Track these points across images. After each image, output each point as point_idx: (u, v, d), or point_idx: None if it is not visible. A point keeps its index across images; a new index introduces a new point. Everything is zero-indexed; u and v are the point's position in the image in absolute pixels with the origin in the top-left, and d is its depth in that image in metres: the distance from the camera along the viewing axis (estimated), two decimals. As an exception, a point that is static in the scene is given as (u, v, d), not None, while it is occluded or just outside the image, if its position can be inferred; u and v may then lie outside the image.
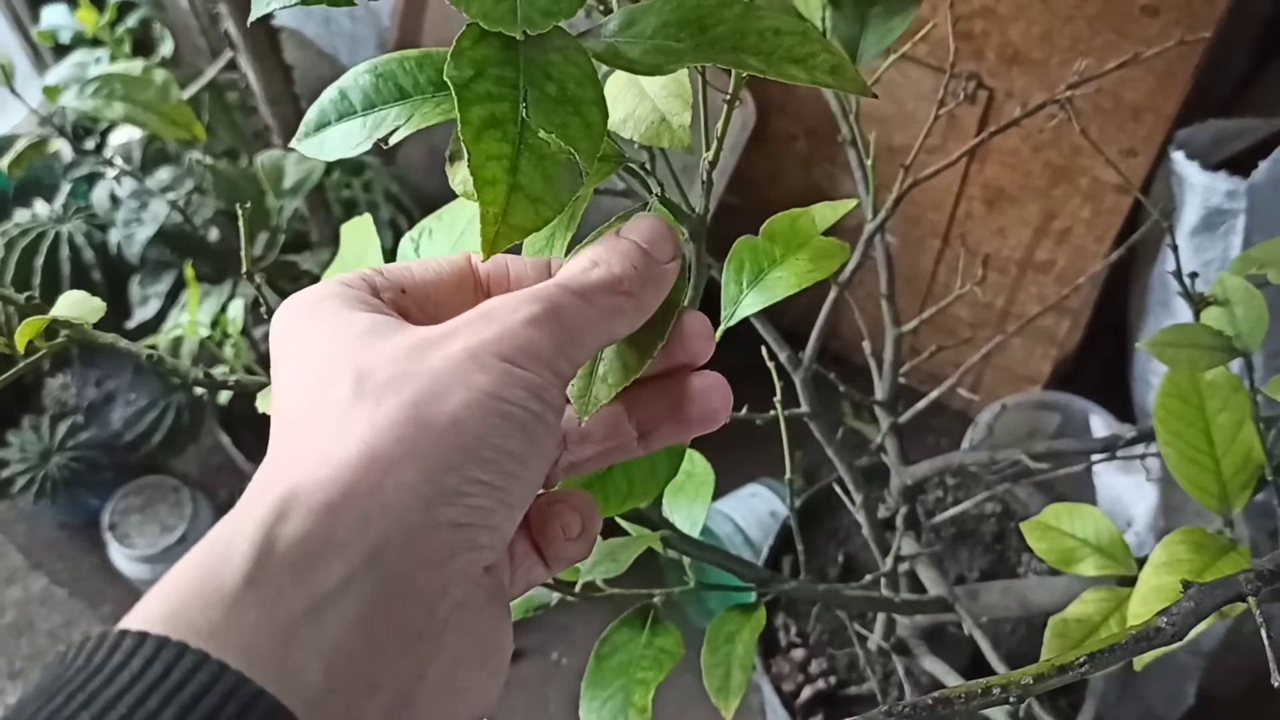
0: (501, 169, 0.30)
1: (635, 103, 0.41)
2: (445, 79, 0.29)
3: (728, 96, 0.40)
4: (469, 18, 0.29)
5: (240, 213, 0.43)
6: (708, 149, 0.42)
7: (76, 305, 0.41)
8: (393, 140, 0.37)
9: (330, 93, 0.40)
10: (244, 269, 0.43)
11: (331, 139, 0.39)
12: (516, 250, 0.35)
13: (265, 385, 0.44)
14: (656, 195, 0.39)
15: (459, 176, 0.35)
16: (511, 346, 0.30)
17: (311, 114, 0.40)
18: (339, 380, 0.30)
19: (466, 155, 0.30)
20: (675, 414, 0.36)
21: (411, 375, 0.30)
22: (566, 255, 0.38)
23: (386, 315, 0.33)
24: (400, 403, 0.29)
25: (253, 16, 0.33)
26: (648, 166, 0.40)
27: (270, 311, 0.48)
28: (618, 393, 0.35)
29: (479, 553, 0.30)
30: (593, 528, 0.35)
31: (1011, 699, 0.35)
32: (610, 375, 0.35)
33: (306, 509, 0.27)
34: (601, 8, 0.40)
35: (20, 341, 0.40)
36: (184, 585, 0.27)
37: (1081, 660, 0.36)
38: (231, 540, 0.27)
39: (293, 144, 0.40)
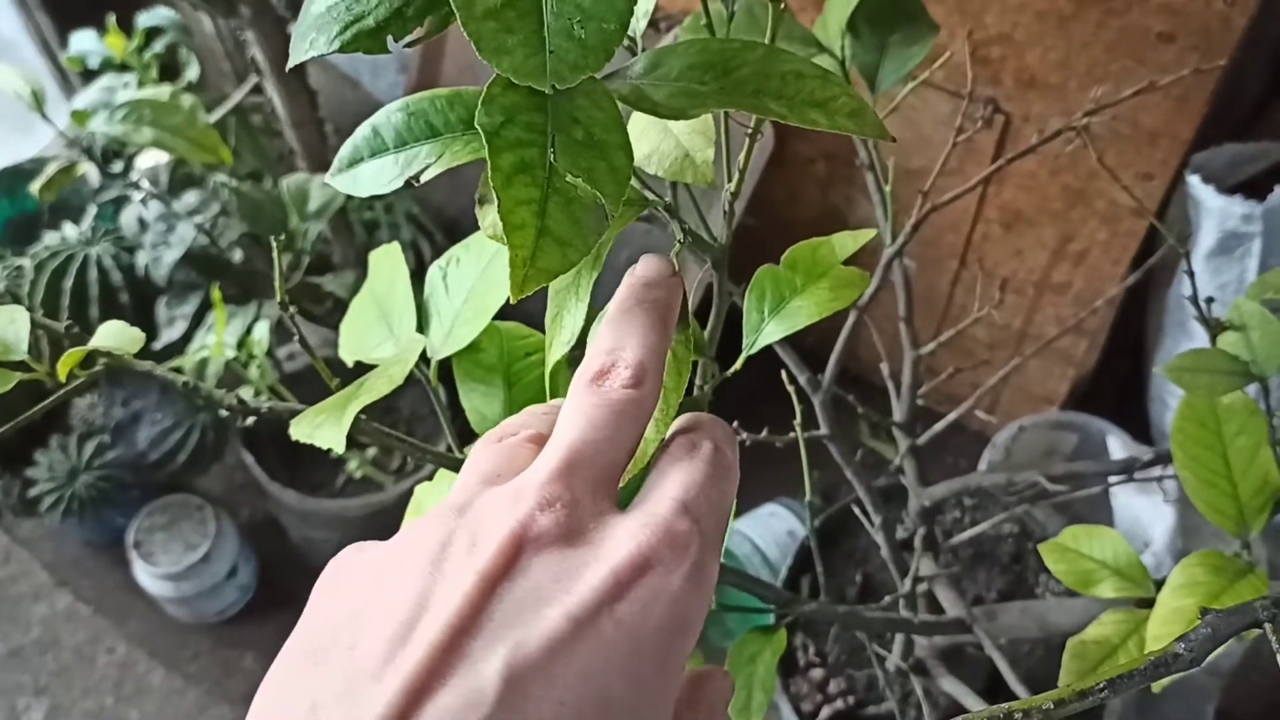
0: (530, 213, 0.30)
1: (659, 139, 0.42)
2: (476, 126, 0.30)
3: (749, 130, 0.41)
4: (499, 71, 0.29)
5: (275, 244, 0.44)
6: (729, 180, 0.43)
7: (116, 335, 0.42)
8: (424, 178, 0.38)
9: (364, 129, 0.41)
10: (278, 298, 0.44)
11: (365, 175, 0.40)
12: (543, 293, 0.35)
13: (297, 411, 0.45)
14: (682, 239, 0.39)
15: (488, 220, 0.36)
16: None
17: (345, 150, 0.41)
18: None
19: (496, 200, 0.30)
20: None
21: None
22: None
23: None
24: None
25: (291, 63, 0.34)
26: (669, 200, 0.41)
27: (303, 340, 0.49)
28: None
29: None
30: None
31: (1032, 723, 0.35)
32: None
33: None
34: (629, 46, 0.41)
35: (62, 371, 0.41)
36: None
37: (1101, 686, 0.36)
38: None
39: (327, 179, 0.41)
